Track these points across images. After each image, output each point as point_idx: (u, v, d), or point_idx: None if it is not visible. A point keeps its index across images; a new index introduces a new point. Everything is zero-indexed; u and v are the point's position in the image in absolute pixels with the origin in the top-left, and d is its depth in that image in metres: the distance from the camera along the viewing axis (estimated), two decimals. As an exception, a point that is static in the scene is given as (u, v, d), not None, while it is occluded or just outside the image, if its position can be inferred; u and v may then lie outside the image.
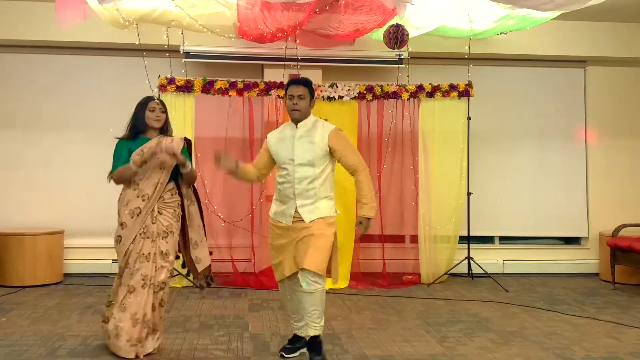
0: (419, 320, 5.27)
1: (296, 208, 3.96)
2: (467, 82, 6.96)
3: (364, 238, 6.93)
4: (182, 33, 6.65)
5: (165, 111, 4.21)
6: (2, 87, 7.17)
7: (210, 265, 4.39)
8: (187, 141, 4.32)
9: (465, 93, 6.94)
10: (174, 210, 4.14)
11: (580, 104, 7.85)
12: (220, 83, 6.63)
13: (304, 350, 4.10)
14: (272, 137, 4.21)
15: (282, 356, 4.12)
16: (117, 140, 4.15)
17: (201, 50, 6.83)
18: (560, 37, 7.38)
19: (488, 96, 7.41)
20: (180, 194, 4.24)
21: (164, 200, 4.09)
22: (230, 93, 6.65)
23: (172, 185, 4.16)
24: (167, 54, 6.83)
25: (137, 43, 6.58)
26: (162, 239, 4.04)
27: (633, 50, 7.55)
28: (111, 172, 4.08)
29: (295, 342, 4.19)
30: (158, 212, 4.05)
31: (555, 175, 7.75)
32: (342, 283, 6.50)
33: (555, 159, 7.77)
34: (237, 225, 6.81)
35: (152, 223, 4.02)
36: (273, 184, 6.68)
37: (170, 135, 4.24)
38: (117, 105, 4.15)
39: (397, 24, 6.00)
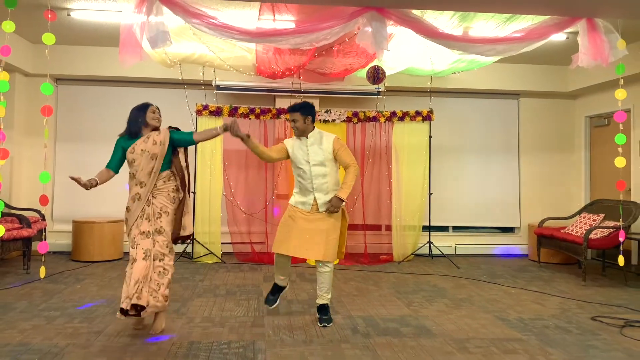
0: (391, 289, 5.29)
1: (315, 199, 3.95)
2: (429, 110, 6.99)
3: (350, 226, 6.96)
4: (214, 71, 6.67)
5: (161, 114, 3.93)
6: (76, 111, 7.19)
7: (191, 235, 3.98)
8: (175, 128, 3.95)
9: (427, 118, 6.96)
10: (168, 194, 3.77)
11: (515, 126, 7.88)
12: (243, 109, 6.65)
13: (283, 292, 4.27)
14: (289, 143, 4.10)
15: (267, 306, 4.22)
16: (118, 137, 3.87)
17: (228, 84, 6.84)
18: (499, 75, 7.42)
19: (445, 120, 7.44)
20: (178, 178, 3.87)
21: (157, 187, 3.75)
22: (250, 117, 6.67)
23: (166, 173, 3.79)
24: (203, 87, 6.86)
25: (180, 78, 6.61)
26: (157, 218, 3.71)
27: (554, 85, 7.59)
28: (107, 164, 3.80)
29: (276, 292, 4.23)
30: (152, 196, 3.73)
31: (495, 180, 7.78)
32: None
33: (495, 168, 7.79)
34: (254, 216, 6.83)
35: (148, 206, 3.72)
36: (283, 185, 6.78)
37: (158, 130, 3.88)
38: (163, 125, 4.09)
39: (376, 65, 6.03)
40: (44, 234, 4.72)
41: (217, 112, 6.59)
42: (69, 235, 6.78)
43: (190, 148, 6.48)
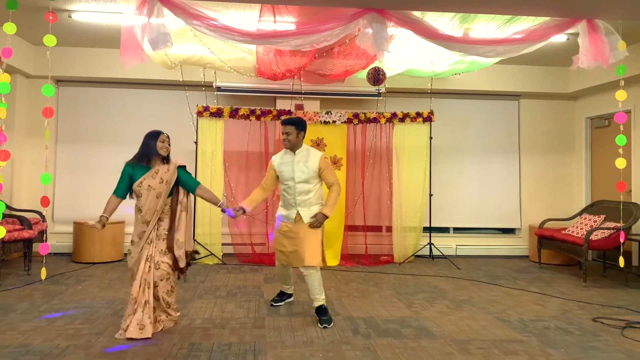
0: (392, 290, 5.29)
1: (297, 212, 4.15)
2: (429, 111, 6.99)
3: (351, 227, 6.99)
4: (214, 72, 6.67)
5: (170, 144, 3.84)
6: (77, 112, 7.19)
7: (185, 267, 3.86)
8: (183, 167, 3.88)
9: (428, 119, 6.96)
10: (170, 217, 3.83)
11: (515, 127, 7.87)
12: (243, 110, 6.65)
13: (288, 300, 4.65)
14: (276, 160, 4.30)
15: (272, 305, 4.53)
16: (125, 164, 3.81)
17: (229, 86, 6.85)
18: (500, 77, 7.42)
19: (446, 121, 7.44)
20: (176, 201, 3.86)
21: (163, 211, 3.79)
22: (250, 118, 6.67)
23: (169, 200, 3.82)
24: (203, 88, 6.86)
25: (180, 80, 6.61)
26: (162, 240, 3.77)
27: (555, 86, 7.59)
28: (114, 191, 3.78)
29: (282, 295, 4.62)
30: (159, 219, 3.78)
31: (496, 181, 7.77)
32: (334, 262, 6.51)
33: (496, 169, 7.79)
34: (255, 217, 6.82)
35: (153, 232, 3.76)
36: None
37: (169, 163, 3.83)
38: (164, 126, 4.09)
39: (376, 67, 6.02)
40: (44, 235, 4.73)
41: (218, 114, 6.59)
42: (69, 236, 6.78)
43: (191, 148, 6.54)
